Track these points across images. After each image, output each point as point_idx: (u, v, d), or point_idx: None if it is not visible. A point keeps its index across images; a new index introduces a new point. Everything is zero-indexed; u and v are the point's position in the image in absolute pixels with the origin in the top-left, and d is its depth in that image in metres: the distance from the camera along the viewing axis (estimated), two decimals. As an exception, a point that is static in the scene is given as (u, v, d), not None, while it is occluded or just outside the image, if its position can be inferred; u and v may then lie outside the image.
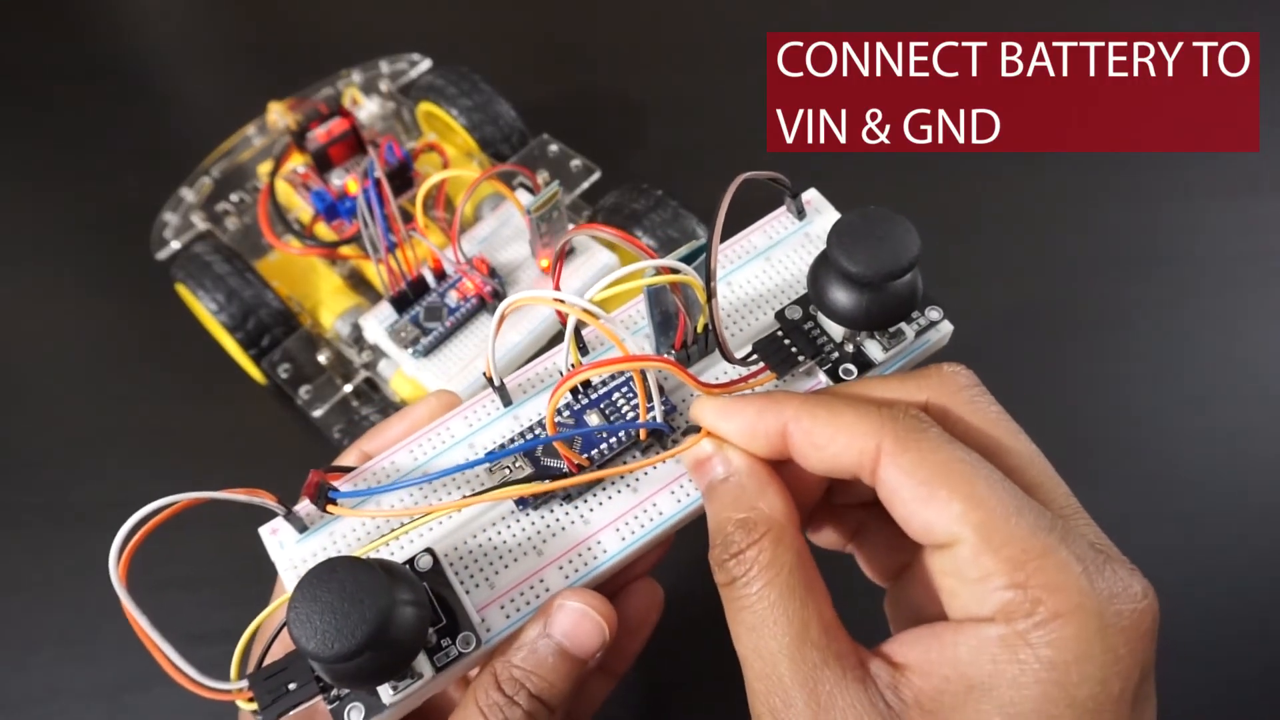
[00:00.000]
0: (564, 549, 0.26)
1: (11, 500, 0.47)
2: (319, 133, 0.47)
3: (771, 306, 0.29)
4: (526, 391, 0.29)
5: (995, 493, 0.21)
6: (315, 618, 0.21)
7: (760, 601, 0.22)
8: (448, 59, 0.55)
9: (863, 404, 0.23)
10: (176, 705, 0.41)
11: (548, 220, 0.41)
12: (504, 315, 0.25)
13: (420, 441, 0.28)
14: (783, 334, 0.28)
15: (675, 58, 0.64)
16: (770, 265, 0.30)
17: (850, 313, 0.25)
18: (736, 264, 0.30)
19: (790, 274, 0.30)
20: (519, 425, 0.28)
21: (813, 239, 0.30)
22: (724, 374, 0.28)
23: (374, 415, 0.41)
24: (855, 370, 0.27)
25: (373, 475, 0.28)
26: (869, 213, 0.25)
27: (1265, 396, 0.46)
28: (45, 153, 0.61)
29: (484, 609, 0.26)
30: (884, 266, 0.24)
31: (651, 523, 0.27)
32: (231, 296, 0.44)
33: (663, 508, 0.27)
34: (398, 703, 0.24)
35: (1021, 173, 0.55)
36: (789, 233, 0.31)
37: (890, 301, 0.25)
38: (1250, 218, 0.52)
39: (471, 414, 0.29)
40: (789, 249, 0.30)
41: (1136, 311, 0.49)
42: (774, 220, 0.31)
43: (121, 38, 0.69)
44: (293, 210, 0.49)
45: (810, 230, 0.31)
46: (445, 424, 0.28)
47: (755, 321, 0.29)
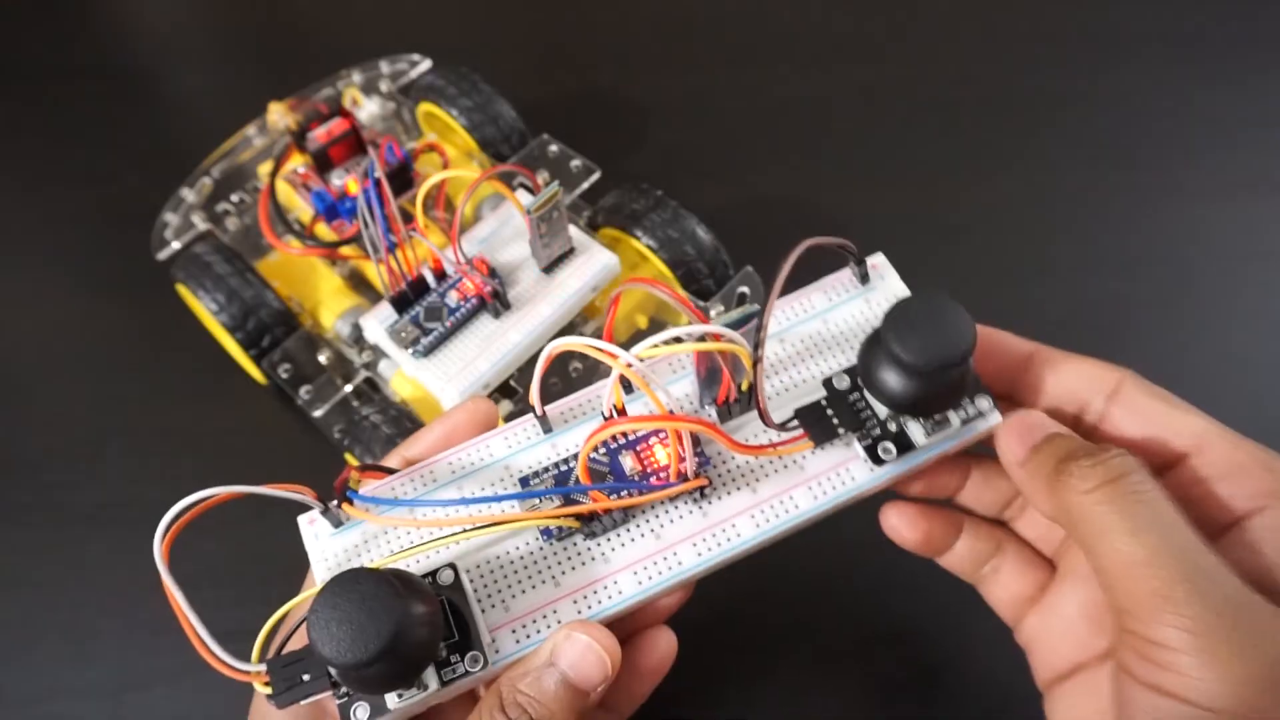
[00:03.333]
0: (581, 584, 0.27)
1: (11, 500, 0.47)
2: (319, 133, 0.47)
3: (821, 370, 0.29)
4: (568, 421, 0.29)
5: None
6: (333, 625, 0.22)
7: (1160, 496, 0.23)
8: (448, 59, 0.55)
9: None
10: (177, 705, 0.41)
11: (548, 220, 0.41)
12: (551, 356, 0.26)
13: (460, 454, 0.29)
14: (826, 403, 0.27)
15: (675, 58, 0.64)
16: (826, 327, 0.30)
17: (897, 396, 0.25)
18: (792, 321, 0.30)
19: (845, 339, 0.30)
20: (556, 454, 0.28)
21: (873, 306, 0.30)
22: (761, 433, 0.28)
23: (374, 415, 0.41)
24: (894, 450, 0.27)
25: (409, 482, 0.28)
26: (927, 298, 0.25)
27: (1266, 396, 0.46)
28: (45, 152, 0.61)
29: (496, 630, 0.26)
30: (936, 357, 0.24)
31: (670, 571, 0.27)
32: (232, 297, 0.44)
33: (683, 558, 0.27)
34: (400, 709, 0.25)
35: (1021, 172, 0.55)
36: (850, 296, 0.30)
37: (939, 389, 0.25)
38: (1250, 218, 0.52)
39: (512, 435, 0.29)
40: (848, 313, 0.30)
41: (1135, 312, 0.49)
42: (836, 281, 0.30)
43: (121, 38, 0.69)
44: (293, 210, 0.49)
45: (872, 297, 0.30)
46: (485, 441, 0.29)
47: (803, 383, 0.29)
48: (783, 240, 0.26)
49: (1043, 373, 0.29)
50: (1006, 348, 0.29)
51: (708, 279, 0.45)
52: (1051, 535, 0.31)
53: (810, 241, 0.26)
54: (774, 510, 0.27)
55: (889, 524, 0.31)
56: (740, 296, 0.45)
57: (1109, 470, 0.24)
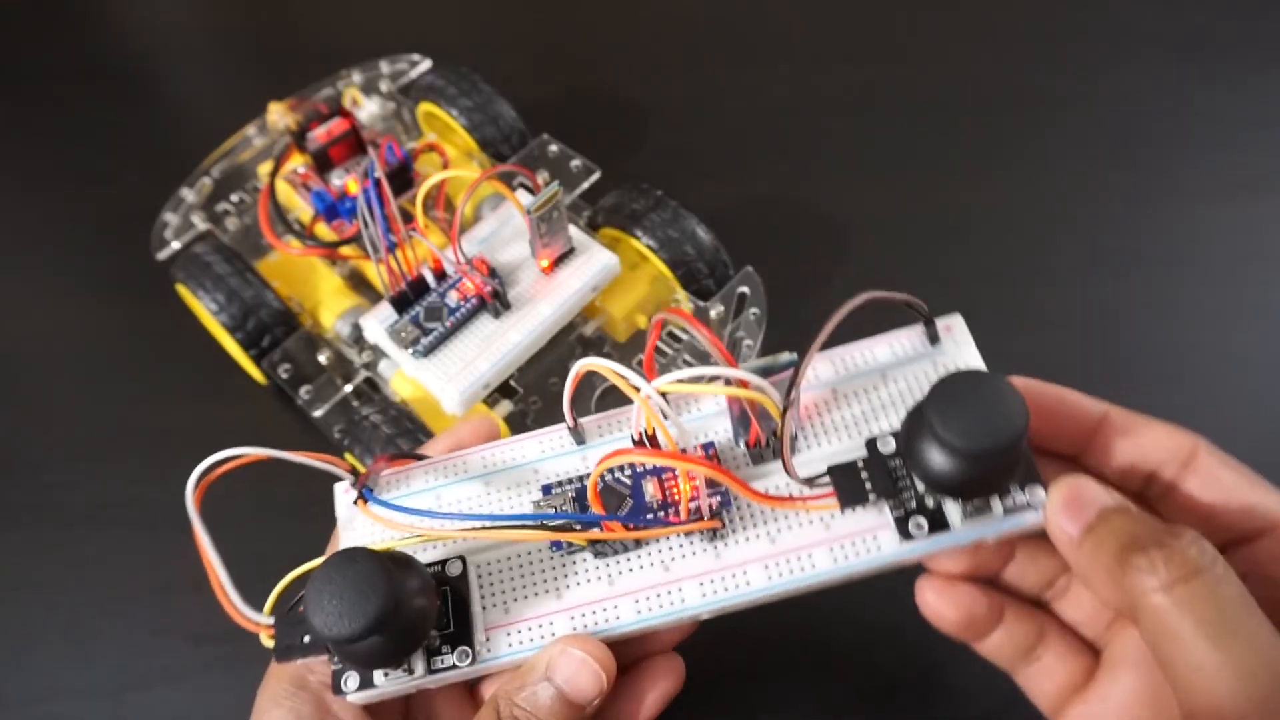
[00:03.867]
0: (581, 601, 0.26)
1: (11, 500, 0.47)
2: (319, 133, 0.47)
3: (870, 429, 0.27)
4: (602, 434, 0.29)
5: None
6: (325, 599, 0.23)
7: (1242, 594, 0.21)
8: (448, 59, 0.55)
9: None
10: (177, 705, 0.41)
11: (548, 220, 0.41)
12: (579, 375, 0.26)
13: (493, 451, 0.29)
14: (864, 465, 0.26)
15: (675, 58, 0.64)
16: (884, 383, 0.28)
17: (936, 475, 0.24)
18: (850, 372, 0.28)
19: (903, 400, 0.28)
20: (585, 466, 0.28)
21: (939, 370, 0.28)
22: (786, 484, 0.27)
23: (374, 415, 0.41)
24: (926, 527, 0.25)
25: (439, 471, 0.29)
26: (979, 376, 0.23)
27: (1266, 396, 0.46)
28: (45, 153, 0.61)
29: (492, 629, 0.26)
30: (978, 442, 0.22)
31: (671, 607, 0.26)
32: (232, 297, 0.44)
33: (688, 596, 0.26)
34: (386, 687, 0.25)
35: (1021, 172, 0.55)
36: (916, 356, 0.28)
37: (982, 474, 0.24)
38: (1250, 218, 0.52)
39: (546, 440, 0.29)
40: (912, 373, 0.28)
41: (1135, 311, 0.49)
42: (905, 336, 0.28)
43: (121, 38, 0.69)
44: (293, 210, 0.49)
45: (940, 360, 0.28)
46: (521, 442, 0.29)
47: (846, 439, 0.27)
48: (783, 240, 0.26)
49: (1115, 436, 0.27)
50: (1079, 409, 0.28)
51: (708, 279, 0.45)
52: (1097, 618, 0.29)
53: (871, 295, 0.24)
54: (790, 565, 0.26)
55: (925, 600, 0.28)
56: (740, 297, 0.45)
57: (1185, 564, 0.21)
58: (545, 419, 0.45)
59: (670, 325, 0.48)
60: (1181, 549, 0.21)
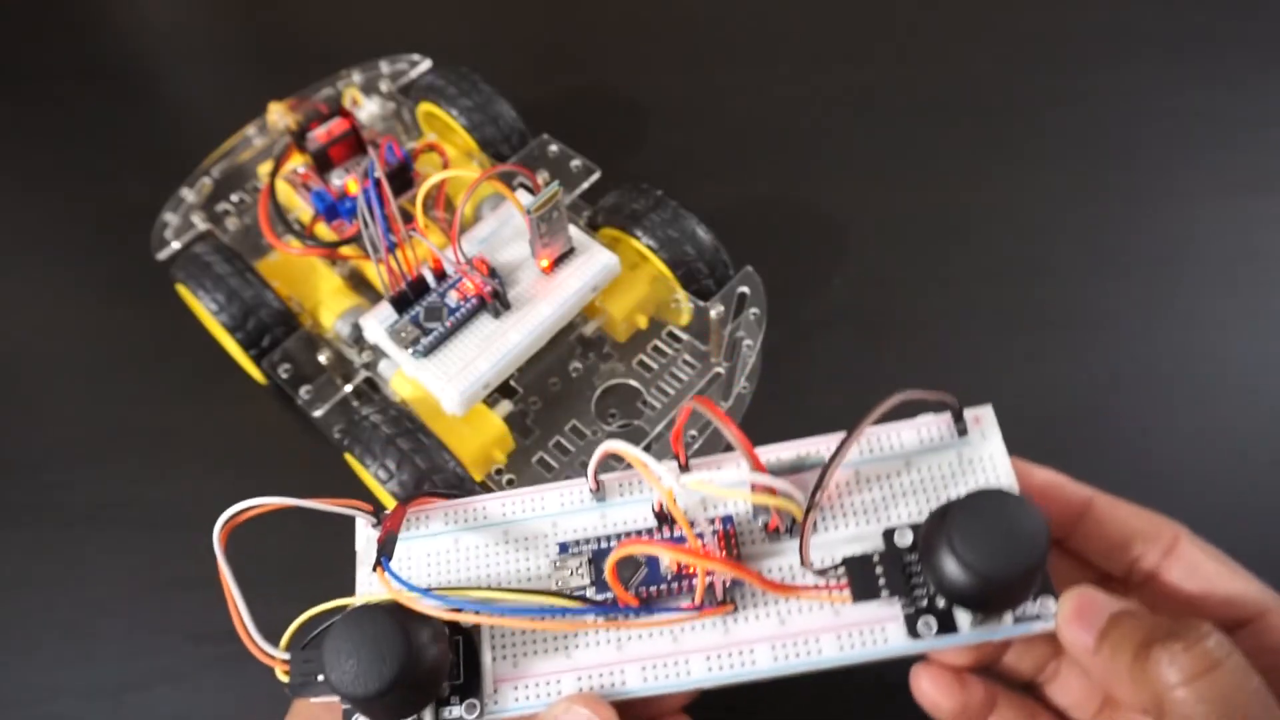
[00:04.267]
0: (589, 663, 0.26)
1: (11, 500, 0.47)
2: (319, 133, 0.47)
3: (889, 517, 0.27)
4: (622, 494, 0.29)
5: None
6: (343, 657, 0.23)
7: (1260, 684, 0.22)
8: (448, 59, 0.55)
9: None
10: (177, 706, 0.41)
11: (548, 220, 0.41)
12: (604, 455, 0.26)
13: (513, 501, 0.29)
14: (879, 559, 0.26)
15: (675, 58, 0.64)
16: (908, 469, 0.28)
17: (951, 587, 0.24)
18: (875, 455, 0.28)
19: (925, 489, 0.27)
20: (603, 525, 0.28)
21: (964, 463, 0.27)
22: (799, 572, 0.27)
23: (374, 415, 0.41)
24: (935, 627, 0.25)
25: (460, 515, 0.29)
26: (1006, 500, 0.23)
27: (1265, 396, 0.46)
28: (45, 153, 0.61)
29: (500, 682, 0.26)
30: (997, 567, 0.22)
31: (676, 679, 0.26)
32: (232, 297, 0.44)
33: (694, 669, 0.26)
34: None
35: (1021, 172, 0.55)
36: (943, 445, 0.28)
37: (997, 592, 0.24)
38: (1249, 218, 0.52)
39: (566, 494, 0.29)
40: (937, 462, 0.28)
41: (1135, 311, 0.49)
42: (932, 423, 0.28)
43: (121, 38, 0.69)
44: (293, 210, 0.49)
45: (966, 452, 0.28)
46: (541, 494, 0.29)
47: (864, 524, 0.27)
48: (783, 240, 0.26)
49: (1100, 522, 0.28)
50: (1064, 496, 0.28)
51: (708, 279, 0.45)
52: (1086, 703, 0.29)
53: (905, 395, 0.24)
54: (796, 649, 0.26)
55: (921, 689, 0.29)
56: (740, 297, 0.45)
57: (1205, 658, 0.21)
58: (545, 419, 0.45)
59: (670, 327, 0.48)
60: (1201, 642, 0.22)
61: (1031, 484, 0.28)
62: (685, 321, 0.47)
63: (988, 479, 0.27)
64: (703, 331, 0.46)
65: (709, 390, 0.45)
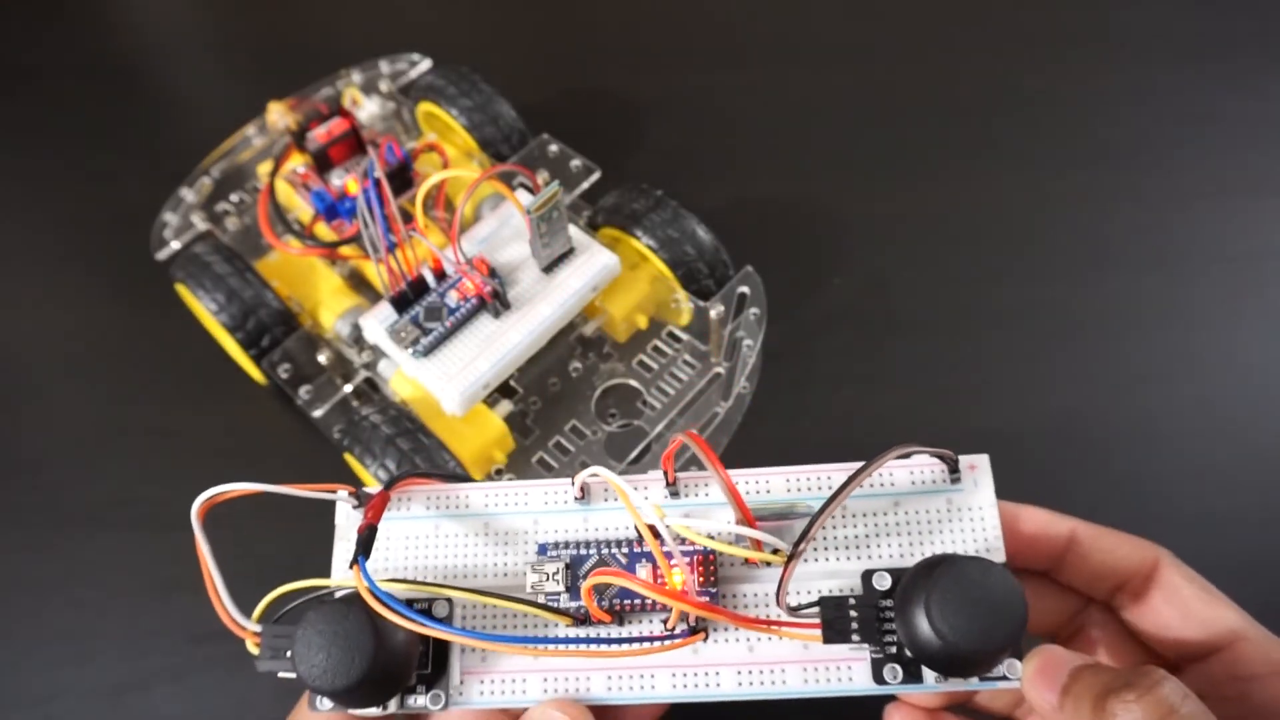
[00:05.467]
0: (555, 667, 0.26)
1: (11, 500, 0.47)
2: (319, 133, 0.47)
3: (870, 552, 0.27)
4: (607, 500, 0.28)
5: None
6: (313, 650, 0.24)
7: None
8: (448, 59, 0.55)
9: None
10: (177, 706, 0.41)
11: (548, 220, 0.41)
12: (586, 480, 0.27)
13: (497, 493, 0.29)
14: (855, 602, 0.25)
15: (675, 58, 0.64)
16: (895, 509, 0.27)
17: (922, 649, 0.24)
18: (862, 491, 0.27)
19: (910, 531, 0.27)
20: (584, 529, 0.28)
21: (954, 509, 0.27)
22: (772, 607, 0.27)
23: (374, 415, 0.41)
24: (900, 675, 0.25)
25: (443, 500, 0.29)
26: (992, 573, 0.23)
27: (1265, 397, 0.46)
28: (45, 153, 0.61)
29: (467, 675, 0.27)
30: (972, 642, 0.22)
31: (640, 691, 0.26)
32: (231, 297, 0.44)
33: (659, 685, 0.26)
34: (357, 712, 0.26)
35: (1021, 172, 0.55)
36: (934, 489, 0.27)
37: (967, 663, 0.23)
38: (1250, 218, 0.52)
39: (551, 493, 0.29)
40: (925, 505, 0.27)
41: (1135, 312, 0.49)
42: (925, 465, 0.28)
43: (121, 38, 0.69)
44: (293, 210, 0.49)
45: (956, 499, 0.27)
46: (525, 490, 0.29)
47: (844, 560, 0.27)
48: (783, 240, 0.26)
49: (1083, 553, 0.28)
50: (1048, 532, 0.29)
51: (708, 279, 0.45)
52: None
53: (905, 449, 0.24)
54: (761, 677, 0.26)
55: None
56: (740, 297, 0.45)
57: (1157, 705, 0.22)
58: (545, 419, 0.45)
59: (670, 327, 0.48)
60: (1153, 689, 0.22)
61: (1018, 531, 0.28)
62: (685, 321, 0.47)
63: (974, 529, 0.27)
64: (703, 331, 0.46)
65: (709, 390, 0.45)
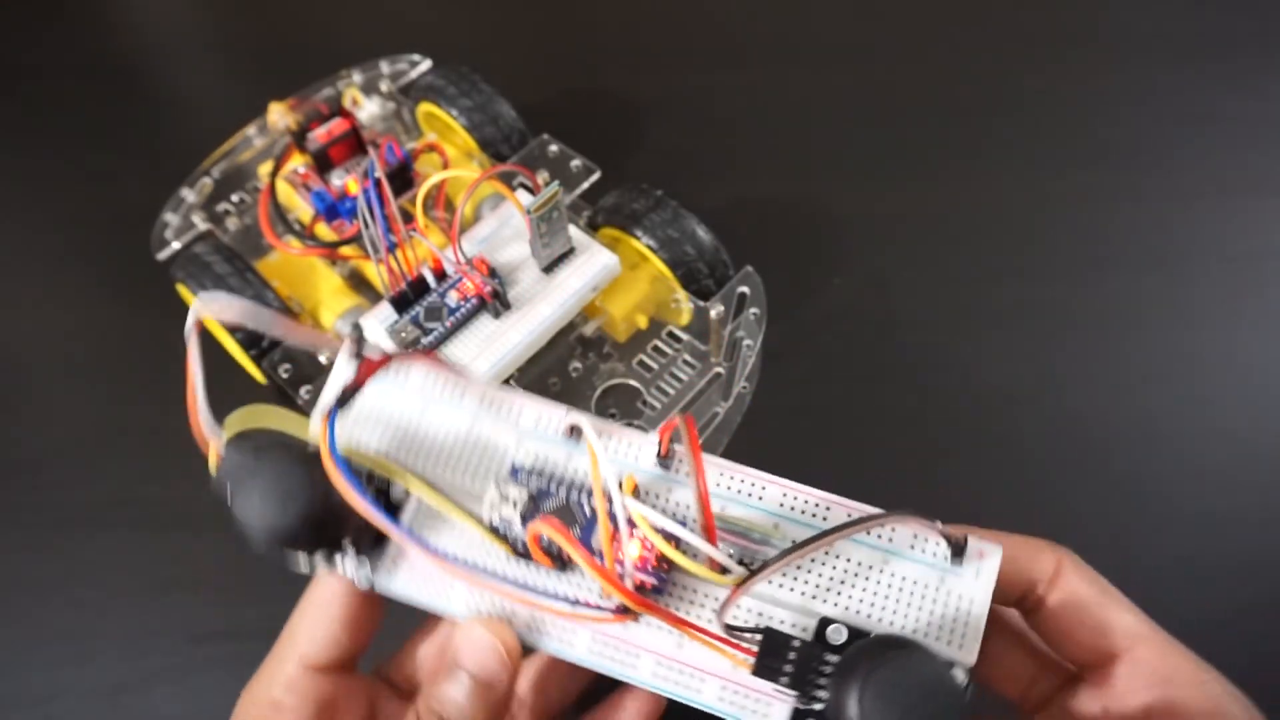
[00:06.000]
0: (486, 584, 0.26)
1: (11, 500, 0.47)
2: (319, 133, 0.47)
3: (838, 599, 0.25)
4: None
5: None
6: (251, 496, 0.23)
7: None
8: (448, 59, 0.55)
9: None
10: (177, 705, 0.41)
11: (548, 220, 0.41)
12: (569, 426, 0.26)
13: (494, 396, 0.28)
14: (799, 646, 0.24)
15: (675, 58, 0.64)
16: (883, 567, 0.25)
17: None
18: (859, 538, 0.26)
19: (891, 594, 0.25)
20: (565, 466, 0.27)
21: (943, 593, 0.25)
22: (712, 618, 0.25)
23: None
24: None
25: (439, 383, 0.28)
26: (943, 681, 0.21)
27: (1265, 397, 0.46)
28: (45, 153, 0.61)
29: (400, 562, 0.26)
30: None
31: (559, 640, 0.26)
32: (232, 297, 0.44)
33: (577, 641, 0.26)
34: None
35: (1021, 172, 0.55)
36: (929, 560, 0.25)
37: None
38: (1250, 218, 0.52)
39: (544, 418, 0.27)
40: (915, 574, 0.25)
41: (1135, 312, 0.49)
42: (930, 531, 0.25)
43: (121, 38, 0.69)
44: (293, 210, 0.49)
45: (949, 581, 0.25)
46: (522, 404, 0.28)
47: (807, 597, 0.25)
48: (783, 240, 0.25)
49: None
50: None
51: (708, 279, 0.45)
52: None
53: (901, 519, 0.23)
54: (680, 678, 0.25)
55: None
56: (740, 297, 0.45)
57: None
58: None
59: (670, 327, 0.48)
60: None
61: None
62: (685, 321, 0.47)
63: (956, 620, 0.25)
64: (703, 331, 0.46)
65: (709, 390, 0.45)
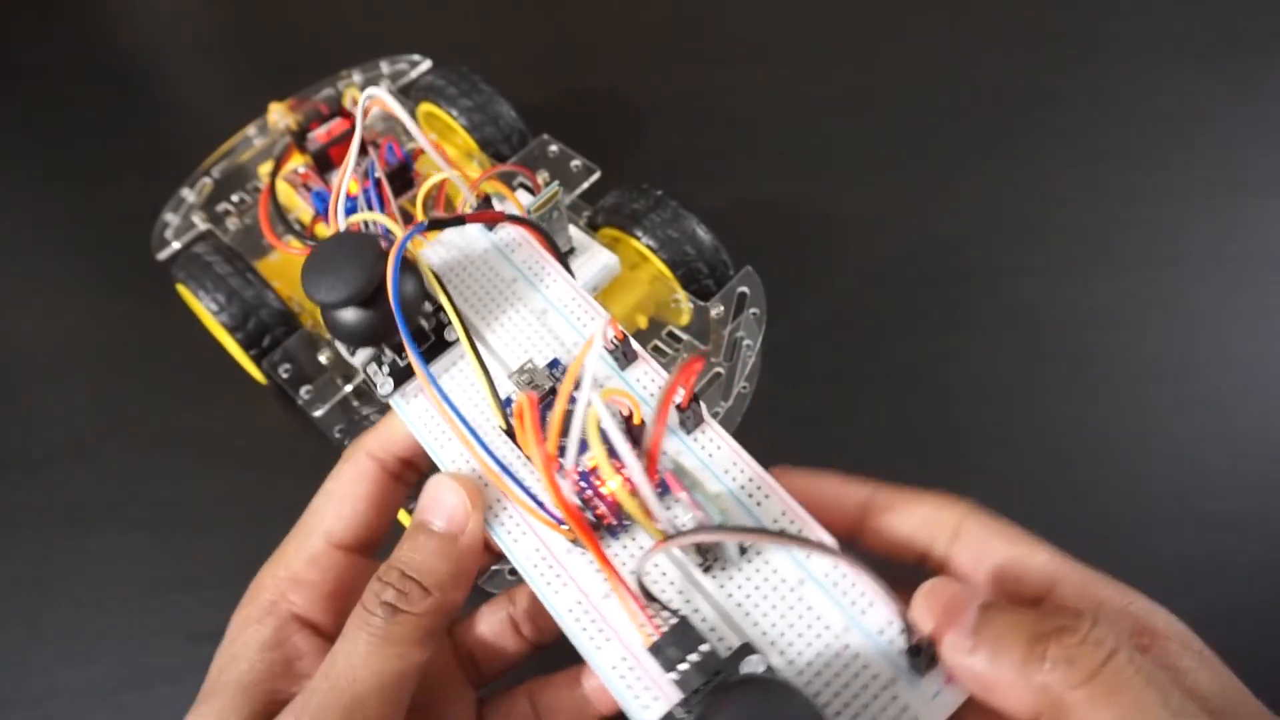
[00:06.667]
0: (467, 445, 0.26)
1: (11, 500, 0.47)
2: (319, 133, 0.47)
3: (777, 635, 0.23)
4: (640, 380, 0.27)
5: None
6: (328, 264, 0.26)
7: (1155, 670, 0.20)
8: (448, 59, 0.55)
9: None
10: (177, 705, 0.41)
11: (548, 220, 0.41)
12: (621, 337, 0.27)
13: (574, 299, 0.29)
14: (708, 652, 0.22)
15: (676, 58, 0.64)
16: (842, 635, 0.23)
17: None
18: (833, 587, 0.23)
19: (834, 663, 0.23)
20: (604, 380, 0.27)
21: (892, 691, 0.22)
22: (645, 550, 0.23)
23: (374, 415, 0.41)
24: None
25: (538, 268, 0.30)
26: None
27: (1266, 397, 0.46)
28: (45, 153, 0.61)
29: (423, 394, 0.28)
30: None
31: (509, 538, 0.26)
32: (232, 297, 0.44)
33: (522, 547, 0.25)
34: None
35: (1019, 173, 0.55)
36: (894, 659, 0.22)
37: None
38: (1250, 218, 0.52)
39: (577, 302, 0.29)
40: (873, 663, 0.22)
41: (1135, 312, 0.49)
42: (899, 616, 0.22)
43: (121, 38, 0.69)
44: (293, 210, 0.49)
45: (903, 685, 0.22)
46: (591, 317, 0.28)
47: (750, 613, 0.23)
48: (783, 240, 0.25)
49: (882, 516, 0.26)
50: (839, 498, 0.26)
51: (708, 279, 0.45)
52: None
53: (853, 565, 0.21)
54: (589, 626, 0.24)
55: None
56: (740, 297, 0.45)
57: (1099, 652, 0.20)
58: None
59: (670, 328, 0.48)
60: (1091, 636, 0.20)
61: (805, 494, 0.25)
62: (685, 321, 0.47)
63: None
64: (703, 331, 0.46)
65: (709, 390, 0.45)
